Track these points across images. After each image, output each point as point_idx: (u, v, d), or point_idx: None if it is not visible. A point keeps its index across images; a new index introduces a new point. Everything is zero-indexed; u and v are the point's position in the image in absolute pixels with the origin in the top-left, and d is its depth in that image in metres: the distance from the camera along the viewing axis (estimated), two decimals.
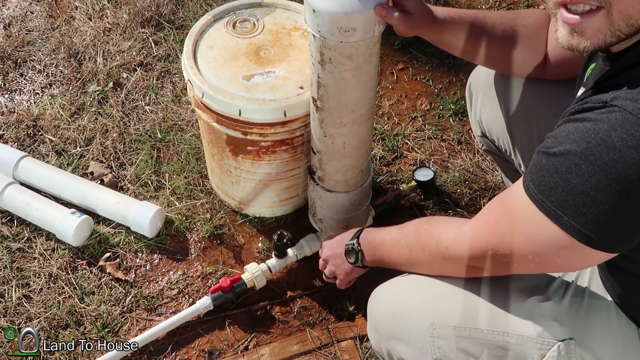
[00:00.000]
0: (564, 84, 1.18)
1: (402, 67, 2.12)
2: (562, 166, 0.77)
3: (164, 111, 1.94)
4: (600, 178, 0.74)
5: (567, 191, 0.77)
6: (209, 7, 2.24)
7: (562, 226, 0.78)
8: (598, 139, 0.73)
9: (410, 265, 1.08)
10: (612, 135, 0.72)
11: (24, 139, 1.86)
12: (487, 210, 0.95)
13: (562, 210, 0.78)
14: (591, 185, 0.74)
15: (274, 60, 1.43)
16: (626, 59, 0.80)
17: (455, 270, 1.00)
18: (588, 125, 0.75)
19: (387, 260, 1.14)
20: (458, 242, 0.96)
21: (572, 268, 0.95)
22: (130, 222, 1.60)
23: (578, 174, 0.75)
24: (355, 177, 1.42)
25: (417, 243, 1.05)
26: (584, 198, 0.75)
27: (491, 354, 0.97)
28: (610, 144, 0.72)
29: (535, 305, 0.97)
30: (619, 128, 0.72)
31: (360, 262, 1.20)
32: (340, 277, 1.29)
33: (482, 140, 1.45)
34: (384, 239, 1.15)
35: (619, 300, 0.98)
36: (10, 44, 2.17)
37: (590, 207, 0.75)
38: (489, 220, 0.93)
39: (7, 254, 1.57)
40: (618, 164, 0.72)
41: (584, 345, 0.93)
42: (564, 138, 0.77)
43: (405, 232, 1.09)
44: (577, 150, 0.75)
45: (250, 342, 1.44)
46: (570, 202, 0.77)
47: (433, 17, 1.15)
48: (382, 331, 1.09)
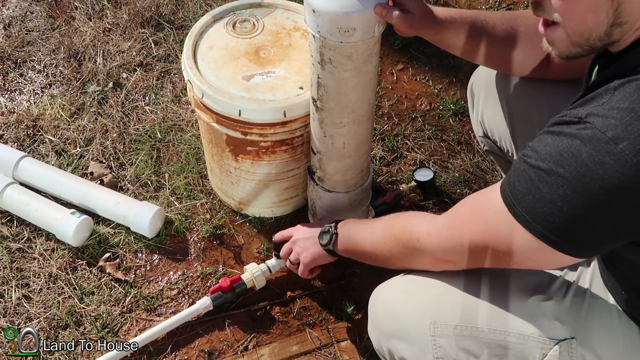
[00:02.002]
0: (567, 84, 1.18)
1: (402, 68, 2.12)
2: (536, 175, 0.81)
3: (163, 111, 1.94)
4: (567, 190, 0.78)
5: (537, 199, 0.81)
6: (209, 8, 2.24)
7: (532, 231, 0.82)
8: (569, 152, 0.77)
9: (384, 257, 1.11)
10: (581, 151, 0.76)
11: (23, 139, 1.86)
12: (461, 207, 0.98)
13: (531, 216, 0.82)
14: (559, 196, 0.78)
15: (273, 61, 1.43)
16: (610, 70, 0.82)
17: (427, 263, 1.03)
18: (564, 140, 0.79)
19: (360, 250, 1.17)
20: (430, 235, 0.99)
21: (544, 267, 0.97)
22: (130, 222, 1.60)
23: (548, 183, 0.79)
24: (355, 177, 1.42)
25: (390, 235, 1.08)
26: (552, 207, 0.79)
27: (492, 353, 0.97)
28: (579, 159, 0.76)
29: (536, 305, 0.97)
30: (589, 144, 0.76)
31: (331, 246, 1.23)
32: (305, 261, 1.31)
33: (484, 140, 1.45)
34: (360, 230, 1.19)
35: (620, 300, 0.98)
36: (10, 44, 2.17)
37: (557, 216, 0.79)
38: (462, 217, 0.96)
39: (6, 254, 1.57)
40: (584, 178, 0.76)
41: (585, 344, 0.94)
42: (541, 149, 0.81)
43: (379, 224, 1.14)
44: (550, 162, 0.79)
45: (250, 343, 1.44)
46: (539, 210, 0.81)
47: (433, 17, 1.15)
48: (383, 330, 1.09)
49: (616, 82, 0.78)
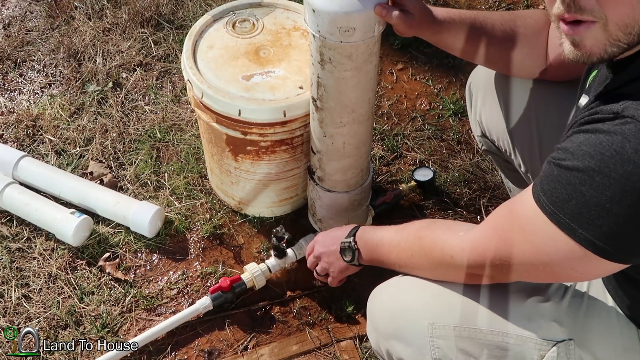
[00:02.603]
0: (565, 85, 1.18)
1: (401, 67, 2.12)
2: (576, 178, 0.76)
3: (163, 111, 1.94)
4: (615, 190, 0.73)
5: (581, 203, 0.76)
6: (209, 7, 2.24)
7: (576, 238, 0.77)
8: (612, 150, 0.72)
9: (410, 269, 1.07)
10: (626, 147, 0.71)
11: (23, 139, 1.86)
12: (494, 219, 0.93)
13: (575, 223, 0.77)
14: (606, 197, 0.73)
15: (273, 60, 1.43)
16: (634, 68, 0.79)
17: (457, 276, 0.99)
18: (601, 137, 0.74)
19: (385, 261, 1.13)
20: (464, 250, 0.94)
21: (585, 278, 0.93)
22: (129, 222, 1.60)
23: (592, 186, 0.74)
24: (355, 177, 1.42)
25: (420, 249, 1.03)
26: (599, 210, 0.74)
27: (490, 354, 0.97)
28: (625, 156, 0.71)
29: (534, 306, 0.97)
30: (633, 139, 0.71)
31: (356, 261, 1.19)
32: (334, 275, 1.28)
33: (482, 140, 1.45)
34: (383, 240, 1.14)
35: (619, 302, 0.98)
36: (10, 44, 2.17)
37: (605, 219, 0.74)
38: (497, 229, 0.91)
39: (6, 254, 1.57)
40: (633, 176, 0.71)
41: (583, 346, 0.93)
42: (576, 149, 0.76)
43: (406, 236, 1.08)
44: (591, 162, 0.74)
45: (250, 342, 1.44)
46: (584, 215, 0.76)
47: (433, 18, 1.15)
48: (382, 331, 1.09)
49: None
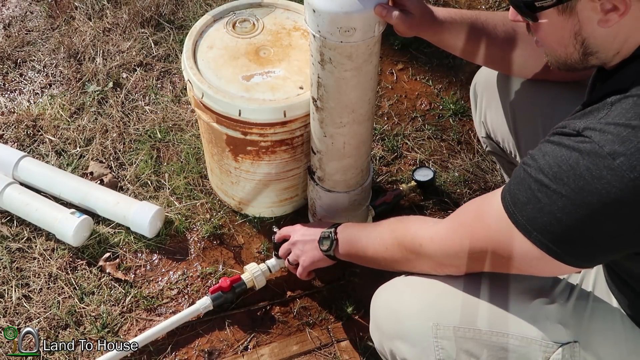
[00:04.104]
0: (569, 85, 1.18)
1: (401, 67, 2.12)
2: (535, 184, 0.82)
3: (163, 111, 1.94)
4: (566, 202, 0.79)
5: (537, 209, 0.82)
6: (209, 7, 2.24)
7: (532, 239, 0.83)
8: (568, 165, 0.79)
9: (386, 262, 1.12)
10: (580, 164, 0.78)
11: (23, 139, 1.86)
12: (462, 212, 0.98)
13: (531, 225, 0.83)
14: (558, 207, 0.80)
15: (273, 61, 1.43)
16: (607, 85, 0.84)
17: (429, 268, 1.04)
18: (563, 151, 0.80)
19: (362, 255, 1.18)
20: (433, 241, 1.00)
21: (545, 275, 0.98)
22: (130, 222, 1.60)
23: (547, 194, 0.80)
24: (355, 177, 1.42)
25: (393, 240, 1.08)
26: (551, 218, 0.81)
27: (494, 355, 0.97)
28: (578, 172, 0.77)
29: (539, 308, 0.97)
30: (587, 158, 0.77)
31: (332, 251, 1.23)
32: (304, 265, 1.31)
33: (487, 141, 1.45)
34: (361, 235, 1.19)
35: (623, 304, 0.98)
36: (10, 44, 2.17)
37: (556, 227, 0.81)
38: (463, 223, 0.96)
39: (6, 254, 1.57)
40: (583, 192, 0.77)
41: (588, 348, 0.93)
42: (540, 158, 0.82)
43: (381, 229, 1.14)
44: (549, 172, 0.80)
45: (250, 342, 1.44)
46: (538, 220, 0.82)
47: (433, 18, 1.15)
48: (386, 331, 1.09)
49: (613, 98, 0.79)
